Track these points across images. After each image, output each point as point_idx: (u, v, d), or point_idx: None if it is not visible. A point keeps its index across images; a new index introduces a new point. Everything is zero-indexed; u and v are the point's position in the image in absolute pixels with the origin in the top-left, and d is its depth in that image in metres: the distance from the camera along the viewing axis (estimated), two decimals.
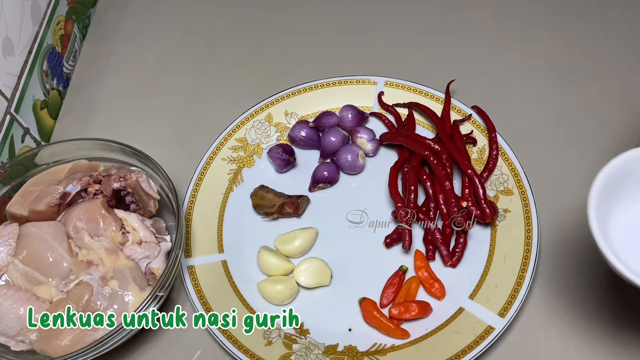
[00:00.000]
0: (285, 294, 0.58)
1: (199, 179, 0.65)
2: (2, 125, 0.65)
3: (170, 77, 0.78)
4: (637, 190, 0.48)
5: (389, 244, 0.61)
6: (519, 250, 0.57)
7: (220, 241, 0.63)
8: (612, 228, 0.48)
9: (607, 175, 0.47)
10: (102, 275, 0.55)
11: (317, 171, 0.66)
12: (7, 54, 0.66)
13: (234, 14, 0.84)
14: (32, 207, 0.59)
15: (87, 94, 0.78)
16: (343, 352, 0.55)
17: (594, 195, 0.46)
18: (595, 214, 0.45)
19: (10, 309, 0.54)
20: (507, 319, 0.54)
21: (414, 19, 0.80)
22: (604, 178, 0.47)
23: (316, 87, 0.70)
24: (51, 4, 0.76)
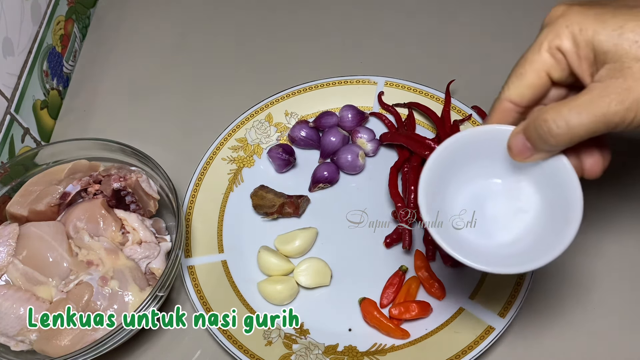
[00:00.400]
0: (285, 294, 0.58)
1: (199, 179, 0.65)
2: (2, 125, 0.65)
3: (170, 77, 0.78)
4: (471, 169, 0.47)
5: (389, 244, 0.61)
6: None
7: (220, 241, 0.63)
8: (452, 206, 0.47)
9: (435, 159, 0.46)
10: (102, 276, 0.55)
11: (317, 171, 0.66)
12: (7, 54, 0.66)
13: (234, 13, 0.84)
14: (32, 207, 0.59)
15: (87, 94, 0.78)
16: (343, 352, 0.55)
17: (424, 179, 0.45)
18: (425, 199, 0.45)
19: (10, 309, 0.54)
20: (507, 319, 0.54)
21: (414, 19, 0.80)
22: (432, 163, 0.46)
23: (316, 87, 0.70)
24: (51, 4, 0.76)
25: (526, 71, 0.42)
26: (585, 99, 0.38)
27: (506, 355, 0.55)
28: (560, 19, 0.40)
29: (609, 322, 0.56)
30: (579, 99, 0.39)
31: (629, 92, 0.37)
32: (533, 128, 0.41)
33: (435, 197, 0.46)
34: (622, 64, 0.38)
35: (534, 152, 0.42)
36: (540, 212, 0.46)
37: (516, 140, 0.43)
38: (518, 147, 0.43)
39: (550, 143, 0.41)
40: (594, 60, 0.39)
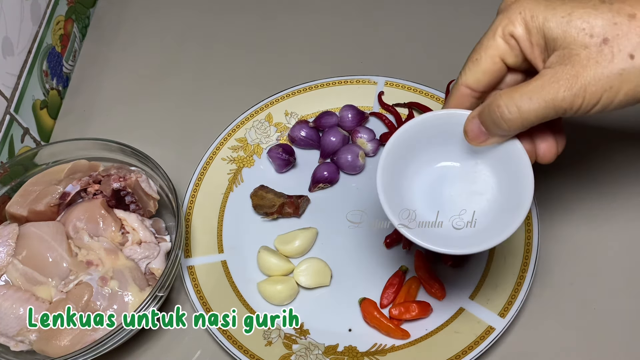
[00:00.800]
0: (285, 294, 0.58)
1: (198, 179, 0.65)
2: (2, 125, 0.65)
3: (170, 76, 0.78)
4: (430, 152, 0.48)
5: (389, 244, 0.61)
6: (519, 250, 0.57)
7: (220, 241, 0.63)
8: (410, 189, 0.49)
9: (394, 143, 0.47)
10: (101, 276, 0.55)
11: (317, 171, 0.66)
12: (7, 54, 0.66)
13: (234, 13, 0.84)
14: (32, 207, 0.59)
15: (86, 94, 0.78)
16: (343, 353, 0.55)
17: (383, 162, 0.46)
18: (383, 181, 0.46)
19: (10, 309, 0.54)
20: (508, 319, 0.54)
21: (414, 19, 0.80)
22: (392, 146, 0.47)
23: (316, 87, 0.70)
24: (51, 4, 0.76)
25: (481, 57, 0.43)
26: (536, 85, 0.39)
27: (506, 355, 0.55)
28: (513, 5, 0.41)
29: (609, 322, 0.56)
30: (530, 85, 0.40)
31: (577, 79, 0.38)
32: (487, 113, 0.42)
33: (394, 179, 0.47)
34: (570, 51, 0.38)
35: (488, 137, 0.43)
36: (496, 195, 0.47)
37: (472, 124, 0.44)
38: (474, 132, 0.44)
39: (503, 128, 0.42)
40: (545, 46, 0.40)
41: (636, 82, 0.38)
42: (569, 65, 0.38)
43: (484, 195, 0.47)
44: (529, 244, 0.57)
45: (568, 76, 0.38)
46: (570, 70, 0.38)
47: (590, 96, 0.38)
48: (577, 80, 0.38)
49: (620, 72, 0.37)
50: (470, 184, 0.48)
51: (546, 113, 0.39)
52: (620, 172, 0.63)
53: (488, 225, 0.46)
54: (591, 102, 0.38)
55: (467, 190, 0.48)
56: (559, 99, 0.38)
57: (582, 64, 0.38)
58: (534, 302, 0.57)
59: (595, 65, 0.38)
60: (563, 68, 0.39)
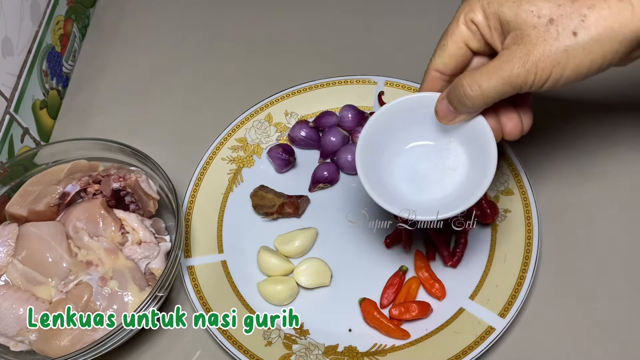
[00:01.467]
0: (285, 294, 0.58)
1: (198, 179, 0.65)
2: (2, 125, 0.65)
3: (169, 76, 0.78)
4: (406, 133, 0.52)
5: (389, 244, 0.61)
6: (520, 250, 0.57)
7: (220, 241, 0.63)
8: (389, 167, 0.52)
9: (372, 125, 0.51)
10: (101, 276, 0.55)
11: (317, 171, 0.66)
12: (7, 54, 0.66)
13: (234, 13, 0.84)
14: (32, 207, 0.58)
15: (86, 93, 0.78)
16: (343, 353, 0.55)
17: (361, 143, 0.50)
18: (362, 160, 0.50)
19: (10, 309, 0.53)
20: (508, 319, 0.54)
21: (415, 19, 0.80)
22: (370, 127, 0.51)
23: (316, 87, 0.70)
24: (50, 4, 0.76)
25: (447, 43, 0.47)
26: (494, 64, 0.43)
27: (506, 355, 0.55)
28: None
29: (610, 322, 0.56)
30: (489, 65, 0.43)
31: (528, 56, 0.41)
32: (453, 92, 0.46)
33: (373, 158, 0.51)
34: (522, 32, 0.42)
35: (456, 115, 0.47)
36: (467, 169, 0.51)
37: (441, 105, 0.48)
38: (443, 111, 0.48)
39: (467, 105, 0.45)
40: (501, 30, 0.44)
41: (580, 58, 0.41)
42: (521, 45, 0.42)
43: (456, 170, 0.51)
44: (529, 244, 0.57)
45: (521, 54, 0.42)
46: (523, 49, 0.42)
47: (541, 72, 0.41)
48: (529, 58, 0.41)
49: (566, 48, 0.41)
50: (444, 159, 0.52)
51: (504, 89, 0.43)
52: (620, 171, 0.63)
53: (458, 195, 0.50)
54: (542, 77, 0.42)
55: (441, 166, 0.52)
56: (514, 76, 0.42)
57: (532, 43, 0.41)
58: (534, 302, 0.57)
59: (543, 44, 0.41)
60: (516, 48, 0.42)
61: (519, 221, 0.59)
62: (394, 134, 0.52)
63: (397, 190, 0.52)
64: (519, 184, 0.61)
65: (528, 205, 0.59)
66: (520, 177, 0.61)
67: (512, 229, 0.59)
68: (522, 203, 0.60)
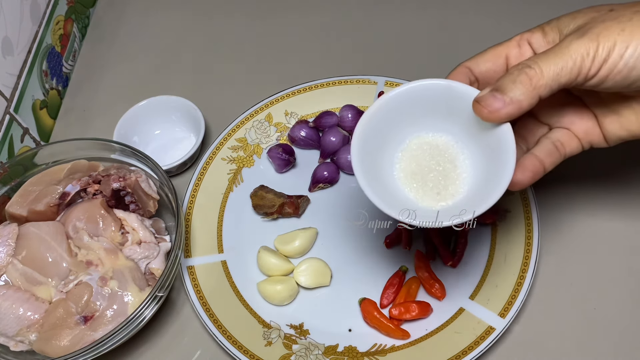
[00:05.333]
0: (285, 294, 0.58)
1: (198, 179, 0.65)
2: (2, 125, 0.65)
3: (169, 76, 0.78)
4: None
5: (389, 244, 0.61)
6: (520, 250, 0.57)
7: (220, 241, 0.63)
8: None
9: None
10: (101, 276, 0.55)
11: (317, 171, 0.66)
12: (7, 54, 0.66)
13: (234, 13, 0.84)
14: (32, 207, 0.58)
15: (86, 93, 0.78)
16: (343, 353, 0.55)
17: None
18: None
19: (10, 309, 0.53)
20: (508, 319, 0.54)
21: (415, 19, 0.80)
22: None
23: (316, 87, 0.70)
24: (50, 4, 0.76)
25: (489, 50, 0.46)
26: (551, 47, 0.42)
27: (507, 355, 0.55)
28: None
29: (609, 322, 0.56)
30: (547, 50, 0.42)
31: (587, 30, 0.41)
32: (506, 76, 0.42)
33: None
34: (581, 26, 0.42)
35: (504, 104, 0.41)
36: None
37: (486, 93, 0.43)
38: (487, 100, 0.42)
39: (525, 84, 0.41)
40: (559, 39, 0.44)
41: None
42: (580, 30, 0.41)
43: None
44: (529, 244, 0.57)
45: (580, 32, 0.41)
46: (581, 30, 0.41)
47: (604, 40, 0.40)
48: (588, 30, 0.40)
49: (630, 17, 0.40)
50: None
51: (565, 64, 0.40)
52: (620, 170, 0.63)
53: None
54: (606, 48, 0.40)
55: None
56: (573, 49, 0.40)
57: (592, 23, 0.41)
58: (534, 302, 0.57)
59: (603, 19, 0.41)
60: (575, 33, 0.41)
61: (519, 221, 0.59)
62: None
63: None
64: None
65: (528, 205, 0.59)
66: None
67: (512, 229, 0.59)
68: (522, 203, 0.60)
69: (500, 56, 0.45)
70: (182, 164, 0.67)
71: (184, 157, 0.66)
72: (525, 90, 0.41)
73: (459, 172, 0.47)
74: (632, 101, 0.44)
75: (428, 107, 0.46)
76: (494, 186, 0.43)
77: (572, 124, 0.47)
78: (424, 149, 0.48)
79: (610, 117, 0.46)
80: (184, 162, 0.67)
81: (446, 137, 0.48)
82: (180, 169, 0.68)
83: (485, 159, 0.45)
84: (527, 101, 0.41)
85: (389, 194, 0.46)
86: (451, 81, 0.45)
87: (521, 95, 0.41)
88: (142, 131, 0.70)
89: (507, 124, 0.43)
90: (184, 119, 0.71)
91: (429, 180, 0.47)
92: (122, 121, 0.68)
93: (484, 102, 0.42)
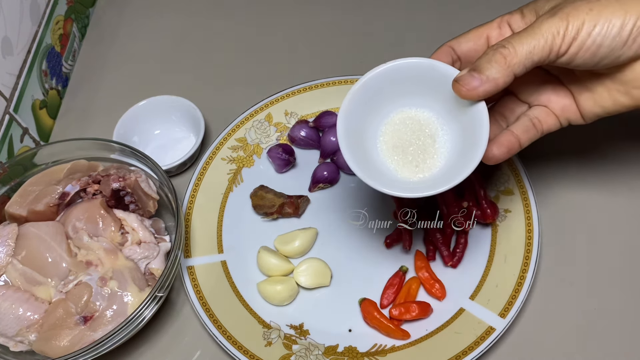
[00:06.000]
0: (285, 294, 0.58)
1: (198, 179, 0.65)
2: (1, 125, 0.65)
3: (169, 76, 0.78)
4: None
5: (389, 244, 0.61)
6: (520, 250, 0.57)
7: (219, 241, 0.63)
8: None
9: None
10: (101, 276, 0.54)
11: (317, 171, 0.66)
12: (6, 54, 0.66)
13: (234, 13, 0.84)
14: (31, 207, 0.58)
15: (86, 93, 0.78)
16: (343, 353, 0.55)
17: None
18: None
19: (9, 309, 0.53)
20: (508, 319, 0.54)
21: (414, 19, 0.80)
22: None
23: (316, 87, 0.70)
24: (50, 4, 0.76)
25: (472, 31, 0.49)
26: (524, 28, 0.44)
27: (507, 356, 0.55)
28: None
29: (610, 322, 0.56)
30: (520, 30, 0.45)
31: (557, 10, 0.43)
32: (482, 57, 0.44)
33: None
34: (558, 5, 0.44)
35: (481, 82, 0.44)
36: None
37: (464, 73, 0.45)
38: (465, 79, 0.44)
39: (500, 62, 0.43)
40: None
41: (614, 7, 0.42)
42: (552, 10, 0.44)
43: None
44: (529, 244, 0.57)
45: (551, 12, 0.43)
46: (553, 10, 0.43)
47: (573, 19, 0.42)
48: (558, 10, 0.43)
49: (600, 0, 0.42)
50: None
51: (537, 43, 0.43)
52: (621, 170, 0.63)
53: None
54: (575, 25, 0.42)
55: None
56: (545, 28, 0.42)
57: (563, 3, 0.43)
58: (534, 302, 0.57)
59: (572, 2, 0.43)
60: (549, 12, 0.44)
61: (519, 221, 0.59)
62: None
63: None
64: (519, 184, 0.61)
65: (528, 205, 0.59)
66: (521, 177, 0.61)
67: (512, 229, 0.59)
68: (522, 203, 0.60)
69: (482, 37, 0.48)
70: (182, 164, 0.67)
71: (184, 157, 0.66)
72: (500, 68, 0.43)
73: (437, 146, 0.49)
74: (604, 78, 0.46)
75: (412, 84, 0.49)
76: (468, 160, 0.46)
77: (549, 101, 0.50)
78: (407, 124, 0.50)
79: (585, 94, 0.48)
80: (184, 162, 0.67)
81: (428, 113, 0.50)
82: (180, 169, 0.68)
83: (462, 135, 0.48)
84: (503, 79, 0.44)
85: (371, 165, 0.49)
86: (434, 61, 0.48)
87: (497, 74, 0.43)
88: (142, 131, 0.70)
89: (482, 102, 0.46)
90: (184, 119, 0.70)
91: (409, 154, 0.50)
92: (122, 121, 0.68)
93: (463, 81, 0.45)
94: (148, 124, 0.70)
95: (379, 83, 0.49)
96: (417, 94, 0.49)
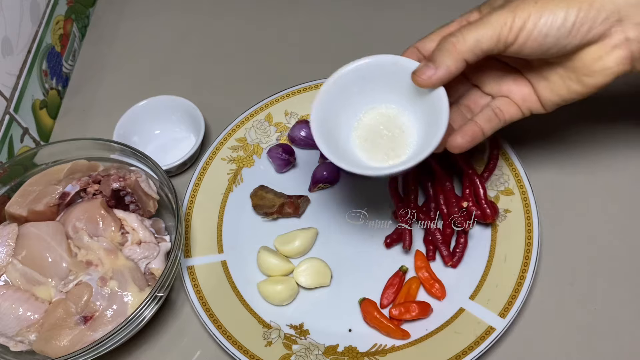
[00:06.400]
0: (285, 294, 0.58)
1: (198, 179, 0.65)
2: (1, 125, 0.65)
3: (169, 76, 0.78)
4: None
5: (389, 244, 0.61)
6: (520, 250, 0.57)
7: (219, 241, 0.63)
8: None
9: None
10: (101, 276, 0.54)
11: (317, 171, 0.66)
12: (6, 54, 0.66)
13: (234, 13, 0.84)
14: (31, 207, 0.58)
15: (86, 93, 0.78)
16: (343, 353, 0.55)
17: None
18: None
19: (10, 309, 0.53)
20: (508, 319, 0.54)
21: (414, 19, 0.80)
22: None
23: (316, 87, 0.70)
24: (50, 4, 0.76)
25: (434, 31, 0.53)
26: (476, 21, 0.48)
27: (507, 356, 0.55)
28: None
29: (610, 322, 0.56)
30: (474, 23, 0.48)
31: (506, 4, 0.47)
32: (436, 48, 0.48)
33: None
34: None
35: (435, 71, 0.48)
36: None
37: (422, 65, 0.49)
38: (422, 69, 0.49)
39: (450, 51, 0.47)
40: None
41: None
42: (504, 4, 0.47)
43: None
44: (529, 244, 0.57)
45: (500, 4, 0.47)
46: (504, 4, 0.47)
47: (521, 12, 0.45)
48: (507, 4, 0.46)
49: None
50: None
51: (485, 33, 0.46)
52: (621, 171, 0.63)
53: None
54: (522, 18, 0.45)
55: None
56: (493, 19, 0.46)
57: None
58: (534, 302, 0.57)
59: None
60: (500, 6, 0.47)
61: (519, 221, 0.59)
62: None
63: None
64: (519, 184, 0.61)
65: (528, 205, 0.59)
66: (520, 177, 0.61)
67: (512, 229, 0.59)
68: (522, 203, 0.60)
69: (443, 36, 0.50)
70: (182, 164, 0.67)
71: (184, 157, 0.66)
72: (451, 56, 0.47)
73: (405, 136, 0.53)
74: (556, 67, 0.50)
75: (380, 80, 0.53)
76: (430, 140, 0.49)
77: (510, 92, 0.53)
78: (377, 119, 0.55)
79: (542, 83, 0.51)
80: (184, 162, 0.67)
81: (396, 107, 0.54)
82: (180, 169, 0.68)
83: (427, 122, 0.52)
84: (454, 65, 0.48)
85: (343, 152, 0.53)
86: (397, 56, 0.52)
87: (449, 61, 0.47)
88: (142, 131, 0.70)
89: (442, 89, 0.49)
90: (183, 119, 0.71)
91: (379, 145, 0.54)
92: (121, 121, 0.68)
93: (419, 71, 0.49)
94: (148, 124, 0.70)
95: (348, 81, 0.53)
96: (386, 88, 0.53)
